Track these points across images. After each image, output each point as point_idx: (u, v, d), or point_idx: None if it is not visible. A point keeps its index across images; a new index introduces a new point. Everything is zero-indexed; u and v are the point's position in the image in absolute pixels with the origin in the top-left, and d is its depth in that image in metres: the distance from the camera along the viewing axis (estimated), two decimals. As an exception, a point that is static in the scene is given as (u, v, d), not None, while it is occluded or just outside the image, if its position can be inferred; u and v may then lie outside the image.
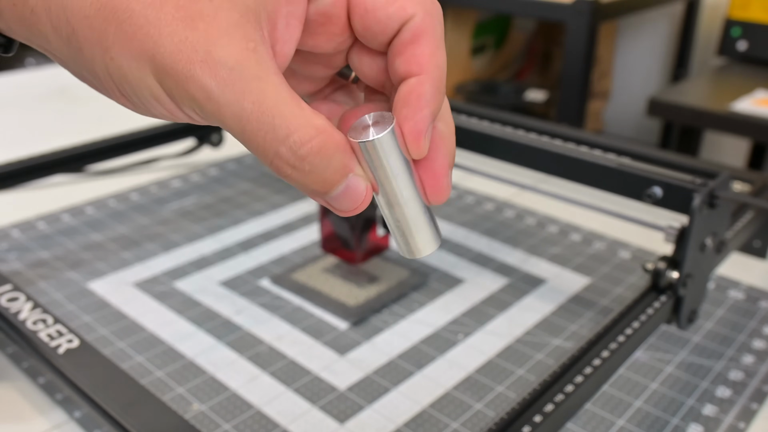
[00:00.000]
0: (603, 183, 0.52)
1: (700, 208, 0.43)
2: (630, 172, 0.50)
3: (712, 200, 0.44)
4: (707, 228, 0.45)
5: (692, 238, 0.43)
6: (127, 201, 0.73)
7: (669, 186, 0.48)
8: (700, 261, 0.46)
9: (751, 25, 1.54)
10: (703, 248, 0.45)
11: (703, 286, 0.48)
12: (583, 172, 0.52)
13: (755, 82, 1.45)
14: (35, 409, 0.45)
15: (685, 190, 0.47)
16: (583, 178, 0.53)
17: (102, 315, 0.54)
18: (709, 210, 0.44)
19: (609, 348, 0.40)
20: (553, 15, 1.35)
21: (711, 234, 0.46)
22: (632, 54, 1.98)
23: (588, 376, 0.38)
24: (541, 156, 0.55)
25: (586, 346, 0.40)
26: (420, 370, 0.49)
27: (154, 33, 0.21)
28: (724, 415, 0.45)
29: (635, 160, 0.67)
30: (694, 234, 0.43)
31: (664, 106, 1.37)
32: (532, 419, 0.35)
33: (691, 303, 0.47)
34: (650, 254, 0.64)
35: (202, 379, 0.47)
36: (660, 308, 0.44)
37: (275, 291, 0.57)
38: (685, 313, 0.46)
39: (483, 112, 0.78)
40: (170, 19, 0.21)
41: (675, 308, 0.46)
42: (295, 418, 0.44)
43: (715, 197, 0.44)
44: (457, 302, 0.56)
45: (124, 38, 0.22)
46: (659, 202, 0.48)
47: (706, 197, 0.43)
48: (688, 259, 0.44)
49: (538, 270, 0.61)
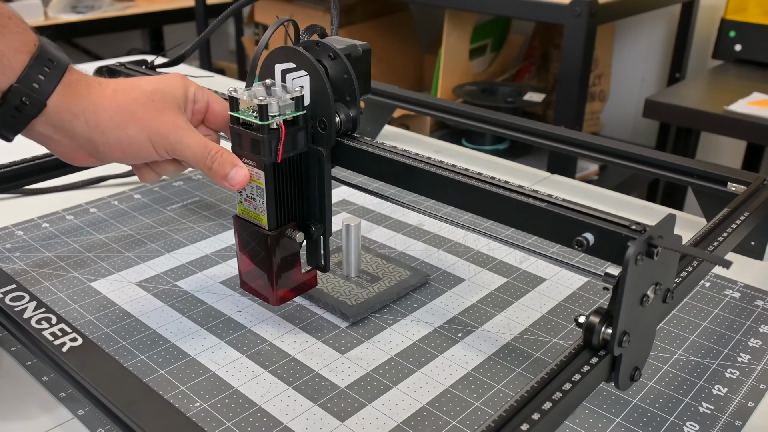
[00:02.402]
0: (529, 225, 0.46)
1: (635, 258, 0.37)
2: (559, 213, 0.43)
3: (651, 249, 0.38)
4: (647, 279, 0.39)
5: (627, 292, 0.37)
6: (130, 201, 0.73)
7: (602, 232, 0.41)
8: (641, 315, 0.40)
9: (746, 27, 1.55)
10: (643, 301, 0.39)
11: (648, 340, 0.42)
12: (508, 212, 0.46)
13: (751, 83, 1.45)
14: (39, 407, 0.46)
15: (619, 236, 0.40)
16: (508, 219, 0.47)
17: (105, 314, 0.54)
18: (648, 260, 0.38)
19: (541, 409, 0.36)
20: (551, 17, 1.36)
21: (653, 285, 0.40)
22: (630, 56, 1.99)
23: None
24: (465, 193, 0.48)
25: (517, 404, 0.36)
26: (419, 369, 0.49)
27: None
28: (720, 413, 0.45)
29: (630, 162, 0.68)
30: (629, 287, 0.37)
31: (661, 108, 1.37)
32: (531, 417, 0.35)
33: (631, 361, 0.41)
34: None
35: (204, 377, 0.48)
36: (594, 369, 0.39)
37: (276, 290, 0.58)
38: (625, 372, 0.40)
39: (481, 114, 0.79)
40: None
41: (612, 368, 0.40)
42: (296, 416, 0.45)
43: (653, 246, 0.38)
44: (457, 301, 0.57)
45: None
46: (590, 250, 0.42)
47: (642, 246, 0.37)
48: (623, 315, 0.38)
49: (536, 269, 0.62)
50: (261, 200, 0.50)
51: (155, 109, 0.48)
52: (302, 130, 0.49)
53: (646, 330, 0.42)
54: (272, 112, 0.47)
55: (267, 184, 0.49)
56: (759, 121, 1.25)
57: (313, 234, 0.53)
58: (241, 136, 0.49)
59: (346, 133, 0.52)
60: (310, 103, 0.50)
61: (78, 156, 0.49)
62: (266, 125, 0.47)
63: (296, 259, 0.53)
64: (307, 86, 0.49)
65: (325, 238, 0.53)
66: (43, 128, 0.47)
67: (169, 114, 0.49)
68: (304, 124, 0.49)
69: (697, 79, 1.64)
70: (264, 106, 0.46)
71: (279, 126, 0.48)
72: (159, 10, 2.36)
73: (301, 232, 0.52)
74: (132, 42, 2.75)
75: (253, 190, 0.50)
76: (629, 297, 0.38)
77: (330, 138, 0.50)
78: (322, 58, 0.50)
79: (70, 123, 0.47)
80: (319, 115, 0.50)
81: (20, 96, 0.44)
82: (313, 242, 0.54)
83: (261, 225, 0.50)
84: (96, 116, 0.47)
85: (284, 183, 0.50)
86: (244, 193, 0.51)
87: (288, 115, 0.48)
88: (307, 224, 0.53)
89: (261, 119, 0.47)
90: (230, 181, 0.49)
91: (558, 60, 1.74)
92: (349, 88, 0.50)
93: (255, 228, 0.51)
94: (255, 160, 0.49)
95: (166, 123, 0.48)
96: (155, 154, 0.49)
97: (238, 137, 0.49)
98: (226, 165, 0.49)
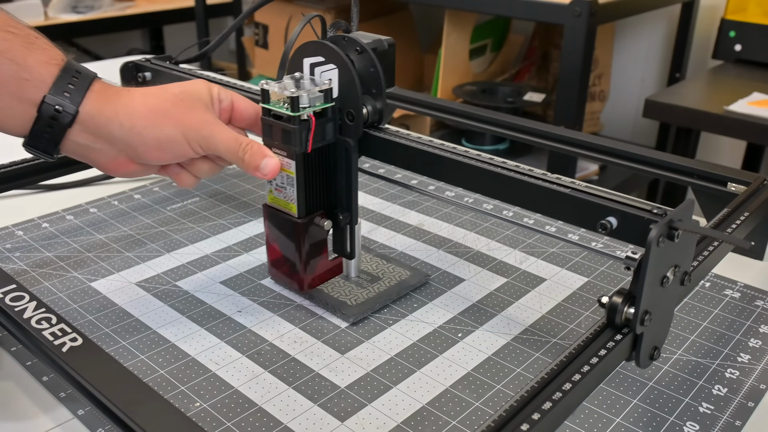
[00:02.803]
0: (554, 211, 0.48)
1: (657, 240, 0.39)
2: (583, 199, 0.46)
3: (672, 232, 0.40)
4: (667, 261, 0.41)
5: (650, 272, 0.39)
6: (130, 201, 0.73)
7: (625, 215, 0.44)
8: (661, 296, 0.42)
9: (746, 27, 1.55)
10: (663, 282, 0.41)
11: (666, 321, 0.44)
12: (533, 198, 0.48)
13: (751, 83, 1.45)
14: (39, 407, 0.46)
15: (641, 220, 0.43)
16: (534, 204, 0.49)
17: (105, 314, 0.54)
18: (669, 242, 0.40)
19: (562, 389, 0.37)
20: (552, 17, 1.36)
21: (672, 267, 0.42)
22: (630, 56, 1.99)
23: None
24: (491, 180, 0.50)
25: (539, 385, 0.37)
26: (419, 368, 0.49)
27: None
28: (720, 413, 0.45)
29: (630, 163, 0.68)
30: (652, 268, 0.39)
31: (661, 108, 1.38)
32: (531, 417, 0.35)
33: (652, 340, 0.43)
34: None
35: (204, 377, 0.48)
36: (616, 347, 0.41)
37: (276, 290, 0.58)
38: (646, 351, 0.42)
39: (481, 114, 0.79)
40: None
41: (633, 346, 0.42)
42: (296, 416, 0.45)
43: (674, 228, 0.40)
44: (457, 301, 0.57)
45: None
46: (614, 233, 0.44)
47: (663, 229, 0.39)
48: (645, 295, 0.40)
49: (536, 269, 0.62)
50: (291, 189, 0.52)
51: (186, 107, 0.50)
52: (331, 121, 0.52)
53: (665, 311, 0.43)
54: (303, 104, 0.50)
55: (297, 173, 0.51)
56: (759, 121, 1.25)
57: (340, 222, 0.55)
58: (272, 127, 0.51)
59: (372, 124, 0.54)
60: (339, 95, 0.52)
61: (120, 162, 0.51)
62: (297, 116, 0.49)
63: (324, 247, 0.55)
64: (335, 79, 0.52)
65: (351, 226, 0.55)
66: (81, 137, 0.49)
67: (199, 111, 0.51)
68: (332, 115, 0.52)
69: (697, 79, 1.64)
70: (296, 98, 0.49)
71: (309, 117, 0.50)
72: (159, 10, 2.36)
73: (329, 220, 0.54)
74: (132, 42, 2.75)
75: (283, 180, 0.52)
76: (651, 277, 0.40)
77: (358, 129, 0.53)
78: (349, 52, 0.52)
79: (106, 127, 0.49)
80: (347, 107, 0.52)
81: (53, 105, 0.47)
82: (340, 230, 0.56)
83: (291, 213, 0.53)
84: (130, 119, 0.49)
85: (313, 172, 0.53)
86: (275, 183, 0.53)
87: (317, 107, 0.51)
88: (334, 212, 0.55)
89: (293, 110, 0.49)
90: (262, 171, 0.51)
91: (558, 60, 1.74)
92: (375, 81, 0.52)
93: (285, 216, 0.53)
94: (286, 150, 0.51)
95: (197, 119, 0.50)
96: (191, 151, 0.51)
97: (269, 128, 0.52)
98: (257, 156, 0.51)
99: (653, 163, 0.67)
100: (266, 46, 2.17)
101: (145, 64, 0.77)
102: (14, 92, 0.46)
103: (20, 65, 0.46)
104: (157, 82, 0.74)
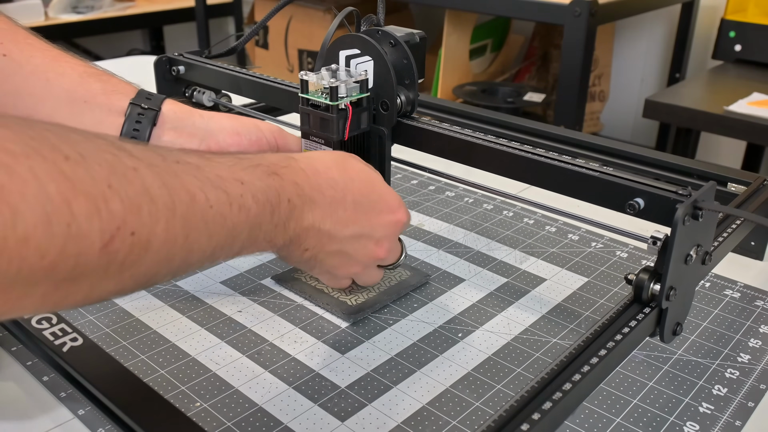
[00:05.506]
0: (584, 193, 0.50)
1: (683, 219, 0.41)
2: (612, 181, 0.48)
3: (696, 211, 0.42)
4: (691, 240, 0.44)
5: (675, 250, 0.42)
6: (129, 201, 0.73)
7: (652, 196, 0.46)
8: (684, 273, 0.44)
9: (746, 27, 1.55)
10: (687, 260, 0.44)
11: (688, 299, 0.47)
12: (563, 181, 0.50)
13: (751, 83, 1.45)
14: (39, 407, 0.46)
15: (668, 200, 0.45)
16: (564, 188, 0.51)
17: (105, 314, 0.54)
18: (693, 221, 0.42)
19: (590, 363, 0.39)
20: (551, 18, 1.36)
21: (695, 246, 0.44)
22: (630, 56, 1.99)
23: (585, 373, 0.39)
24: (521, 165, 0.52)
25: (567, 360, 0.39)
26: (419, 368, 0.49)
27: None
28: (720, 413, 0.45)
29: (630, 163, 0.68)
30: (677, 246, 0.42)
31: (660, 108, 1.38)
32: (531, 417, 0.35)
33: (675, 316, 0.46)
34: (647, 254, 0.64)
35: (204, 377, 0.48)
36: (643, 321, 0.43)
37: (277, 290, 0.58)
38: (669, 326, 0.45)
39: (481, 114, 0.79)
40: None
41: (658, 321, 0.45)
42: (296, 416, 0.45)
43: (699, 208, 0.42)
44: (457, 301, 0.57)
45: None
46: (641, 214, 0.46)
47: (689, 208, 0.41)
48: (671, 272, 0.42)
49: (536, 269, 0.62)
50: None
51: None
52: (366, 111, 0.55)
53: (688, 288, 0.46)
54: (341, 94, 0.52)
55: None
56: (759, 121, 1.26)
57: None
58: (311, 116, 0.54)
59: (405, 114, 0.57)
60: (373, 86, 0.55)
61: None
62: (336, 105, 0.52)
63: None
64: (370, 71, 0.54)
65: None
66: (168, 134, 0.54)
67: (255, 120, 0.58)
68: (367, 105, 0.55)
69: (697, 79, 1.64)
70: (335, 88, 0.51)
71: (347, 107, 0.53)
72: (159, 10, 2.36)
73: None
74: (132, 42, 2.75)
75: None
76: (676, 254, 0.42)
77: (392, 118, 0.55)
78: (383, 45, 0.54)
79: (189, 118, 0.55)
80: (382, 97, 0.55)
81: (140, 102, 0.54)
82: None
83: None
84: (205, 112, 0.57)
85: None
86: None
87: (354, 97, 0.53)
88: None
89: (331, 100, 0.52)
90: None
91: (558, 60, 1.75)
92: (408, 73, 0.55)
93: None
94: (324, 137, 0.54)
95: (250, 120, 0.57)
96: (263, 138, 0.56)
97: (307, 117, 0.54)
98: None
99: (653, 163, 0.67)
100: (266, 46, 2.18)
101: (178, 58, 0.78)
102: None
103: None
104: (190, 76, 0.75)
